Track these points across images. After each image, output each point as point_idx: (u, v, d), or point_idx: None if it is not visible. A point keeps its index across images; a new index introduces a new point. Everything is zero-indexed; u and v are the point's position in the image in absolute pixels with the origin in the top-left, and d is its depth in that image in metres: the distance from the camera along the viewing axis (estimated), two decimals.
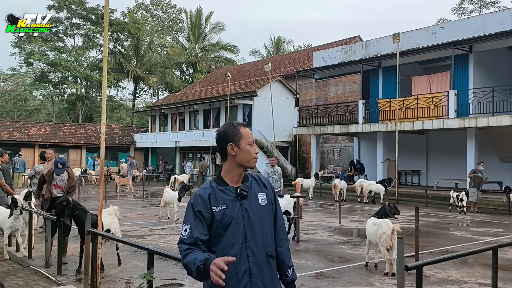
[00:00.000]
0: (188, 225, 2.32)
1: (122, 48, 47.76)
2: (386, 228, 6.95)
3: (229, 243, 2.31)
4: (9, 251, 7.86)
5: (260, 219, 2.39)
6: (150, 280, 4.18)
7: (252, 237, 2.34)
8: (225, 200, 2.34)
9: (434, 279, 6.84)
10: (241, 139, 2.41)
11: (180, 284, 6.36)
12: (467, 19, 21.36)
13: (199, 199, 2.35)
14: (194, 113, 33.47)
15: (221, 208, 2.32)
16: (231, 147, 2.41)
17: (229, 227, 2.31)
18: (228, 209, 2.33)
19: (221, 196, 2.35)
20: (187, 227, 2.32)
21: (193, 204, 2.35)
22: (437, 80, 19.60)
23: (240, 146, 2.40)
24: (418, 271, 3.92)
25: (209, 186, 2.40)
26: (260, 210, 2.40)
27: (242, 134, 2.42)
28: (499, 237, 10.62)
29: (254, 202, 2.39)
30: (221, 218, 2.31)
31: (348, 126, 21.84)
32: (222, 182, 2.40)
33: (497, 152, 19.27)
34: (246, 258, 2.31)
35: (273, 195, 2.51)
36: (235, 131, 2.42)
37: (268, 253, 2.38)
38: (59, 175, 7.57)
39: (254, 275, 2.31)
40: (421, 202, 17.01)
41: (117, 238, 6.30)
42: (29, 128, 34.24)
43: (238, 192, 2.36)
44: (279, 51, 50.69)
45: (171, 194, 13.30)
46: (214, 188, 2.38)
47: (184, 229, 2.33)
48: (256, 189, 2.44)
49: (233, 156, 2.40)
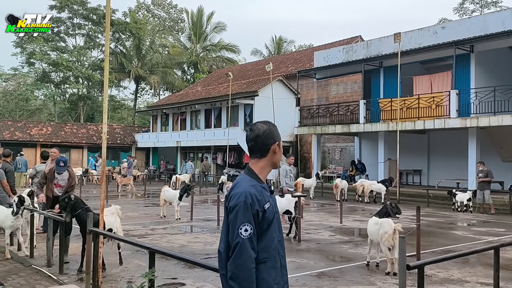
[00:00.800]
0: (250, 226, 2.29)
1: (123, 48, 47.80)
2: (388, 228, 6.95)
3: (271, 238, 2.38)
4: (10, 251, 7.88)
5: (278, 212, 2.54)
6: (152, 279, 4.19)
7: (279, 230, 2.46)
8: (268, 197, 2.42)
9: (436, 278, 6.84)
10: (281, 139, 2.54)
11: (181, 283, 6.36)
12: (468, 18, 21.34)
13: (255, 198, 2.33)
14: (195, 113, 33.48)
15: (269, 205, 2.39)
16: (277, 146, 2.49)
17: (272, 223, 2.39)
18: (271, 206, 2.41)
19: (265, 193, 2.42)
20: (249, 228, 2.28)
21: (251, 204, 2.32)
22: (439, 80, 19.58)
23: (280, 146, 2.51)
24: (419, 271, 3.92)
25: (255, 183, 2.40)
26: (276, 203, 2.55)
27: (279, 136, 2.53)
28: (500, 236, 10.61)
29: (273, 197, 2.51)
30: (268, 214, 2.37)
31: (349, 126, 21.83)
32: (259, 179, 2.45)
33: (499, 152, 19.24)
34: (278, 252, 2.41)
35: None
36: (277, 130, 2.53)
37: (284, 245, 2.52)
38: (60, 173, 7.58)
39: (283, 267, 2.43)
40: (422, 202, 16.99)
41: (119, 237, 6.31)
42: (31, 128, 34.28)
43: (270, 189, 2.47)
44: (280, 51, 50.68)
45: (171, 193, 13.32)
46: (258, 185, 2.41)
47: (244, 228, 2.28)
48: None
49: (273, 155, 2.47)
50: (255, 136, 2.47)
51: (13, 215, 7.57)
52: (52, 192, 7.52)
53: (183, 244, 9.27)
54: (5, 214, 7.76)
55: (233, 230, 2.30)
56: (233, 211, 2.32)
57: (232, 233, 2.30)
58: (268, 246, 2.35)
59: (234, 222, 2.30)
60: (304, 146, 28.77)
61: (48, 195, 7.48)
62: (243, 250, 2.26)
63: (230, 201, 2.37)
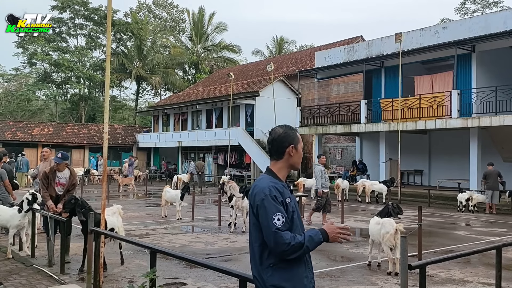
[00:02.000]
0: (281, 214, 2.42)
1: (124, 49, 47.80)
2: (390, 228, 6.94)
3: (297, 232, 2.49)
4: (12, 250, 7.88)
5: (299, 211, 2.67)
6: (153, 279, 4.19)
7: (302, 227, 2.57)
8: (288, 194, 2.54)
9: (438, 278, 6.83)
10: (299, 142, 2.65)
11: (182, 283, 6.36)
12: (470, 18, 21.30)
13: (276, 191, 2.48)
14: (196, 113, 33.48)
15: (289, 201, 2.52)
16: (292, 148, 2.61)
17: (294, 218, 2.51)
18: (291, 202, 2.54)
19: (285, 191, 2.55)
20: (280, 217, 2.41)
21: (275, 196, 2.46)
22: (440, 80, 19.55)
23: (297, 149, 2.64)
24: (421, 270, 3.91)
25: (274, 181, 2.54)
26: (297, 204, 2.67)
27: (299, 138, 2.66)
28: (502, 236, 10.58)
29: (293, 197, 2.63)
30: (290, 209, 2.51)
31: (350, 126, 21.81)
32: (278, 179, 2.58)
33: (500, 152, 19.21)
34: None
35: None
36: (294, 134, 2.65)
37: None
38: (59, 164, 7.55)
39: (308, 261, 2.55)
40: (423, 202, 16.96)
41: (120, 236, 6.31)
42: (32, 128, 34.32)
43: (290, 188, 2.62)
44: (281, 51, 50.67)
45: (172, 193, 13.33)
46: (278, 183, 2.55)
47: (277, 218, 2.40)
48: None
49: (289, 157, 2.61)
50: (272, 140, 2.65)
51: (24, 212, 7.60)
52: (54, 191, 7.52)
53: (184, 244, 9.27)
54: (10, 214, 7.77)
55: (267, 222, 2.40)
56: (261, 206, 2.44)
57: (266, 227, 2.40)
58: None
59: (266, 215, 2.42)
60: (305, 146, 28.71)
61: (51, 194, 7.48)
62: (279, 239, 2.38)
63: (255, 198, 2.49)
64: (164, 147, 35.28)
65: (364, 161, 24.04)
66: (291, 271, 2.45)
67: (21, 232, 7.94)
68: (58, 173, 7.58)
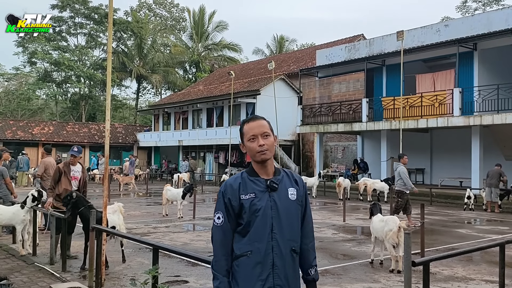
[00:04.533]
0: (221, 213, 2.37)
1: (125, 47, 47.81)
2: (393, 225, 6.92)
3: (257, 233, 2.33)
4: (13, 248, 7.87)
5: (287, 213, 2.39)
6: (155, 276, 4.16)
7: (278, 230, 2.35)
8: (254, 190, 2.37)
9: (441, 276, 6.80)
10: (244, 136, 2.46)
11: (184, 281, 6.34)
12: (471, 16, 21.25)
13: (229, 187, 2.39)
14: (197, 112, 33.45)
15: (249, 197, 2.35)
16: (241, 146, 2.50)
17: (258, 217, 2.33)
18: (256, 199, 2.35)
19: (251, 186, 2.38)
20: (220, 216, 2.37)
21: (224, 192, 2.39)
22: (442, 78, 19.50)
23: (244, 143, 2.45)
24: (425, 267, 3.89)
25: (240, 176, 2.43)
26: (288, 205, 2.40)
27: (243, 131, 2.46)
28: (505, 234, 10.55)
29: (283, 195, 2.40)
30: (249, 206, 2.34)
31: (352, 125, 21.77)
32: (253, 173, 2.43)
33: (502, 150, 19.17)
34: (271, 249, 2.32)
35: (303, 193, 2.50)
36: (241, 129, 2.48)
37: (292, 248, 2.39)
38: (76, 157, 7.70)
39: (277, 266, 2.32)
40: (425, 201, 16.89)
41: (122, 234, 6.28)
42: (33, 127, 34.33)
43: (268, 184, 2.38)
44: (282, 49, 50.62)
45: (174, 192, 13.30)
46: (245, 178, 2.41)
47: (217, 216, 2.38)
48: (286, 184, 2.44)
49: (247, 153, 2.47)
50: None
51: (28, 208, 7.61)
52: (70, 185, 7.57)
53: (186, 242, 9.25)
54: (12, 212, 7.75)
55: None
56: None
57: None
58: (253, 239, 2.32)
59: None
60: (306, 145, 28.72)
61: (67, 187, 7.51)
62: (213, 237, 2.39)
63: None
64: (165, 146, 35.27)
65: (366, 159, 24.00)
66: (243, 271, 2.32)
67: (23, 230, 7.92)
68: (72, 167, 7.69)
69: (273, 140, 2.44)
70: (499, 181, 15.35)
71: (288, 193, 2.41)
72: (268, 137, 2.42)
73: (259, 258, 2.30)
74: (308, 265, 2.48)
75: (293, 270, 2.38)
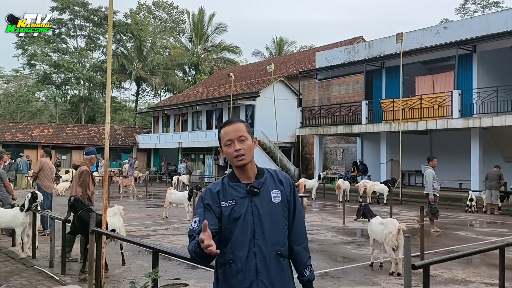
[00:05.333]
0: (197, 217, 2.29)
1: (124, 49, 47.79)
2: (392, 228, 6.92)
3: (238, 240, 2.27)
4: (13, 251, 7.86)
5: (271, 216, 2.32)
6: (155, 279, 4.16)
7: (261, 235, 2.28)
8: (234, 196, 2.31)
9: (440, 279, 6.80)
10: (221, 142, 2.39)
11: (184, 284, 6.33)
12: (470, 18, 21.29)
13: (208, 193, 2.34)
14: (196, 114, 33.46)
15: (229, 204, 2.29)
16: (221, 151, 2.43)
17: (238, 224, 2.27)
18: (236, 205, 2.29)
19: (230, 192, 2.32)
20: (197, 219, 2.28)
21: (203, 197, 2.34)
22: (441, 80, 19.52)
23: (222, 149, 2.40)
24: (425, 270, 3.88)
25: (220, 181, 2.38)
26: (272, 208, 2.33)
27: (220, 136, 2.39)
28: (504, 237, 10.55)
29: (265, 199, 2.33)
30: (229, 214, 2.28)
31: (351, 127, 21.78)
32: (234, 178, 2.37)
33: (502, 152, 19.18)
34: (254, 256, 2.26)
35: (290, 192, 2.41)
36: (218, 134, 2.42)
37: (278, 252, 2.31)
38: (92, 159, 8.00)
39: (261, 273, 2.26)
40: (424, 203, 16.73)
41: (121, 237, 6.27)
42: (32, 129, 34.31)
43: (248, 189, 2.31)
44: (281, 51, 50.64)
45: (179, 195, 13.21)
46: (225, 184, 2.35)
47: (193, 221, 2.30)
48: (270, 186, 2.37)
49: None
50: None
51: (25, 211, 7.60)
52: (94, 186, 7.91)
53: (185, 244, 9.13)
54: (12, 214, 7.75)
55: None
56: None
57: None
58: (234, 248, 2.26)
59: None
60: (306, 147, 28.72)
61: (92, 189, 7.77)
62: (189, 240, 2.27)
63: None
64: (164, 148, 35.25)
65: (365, 161, 23.99)
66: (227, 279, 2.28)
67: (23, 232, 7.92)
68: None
69: (250, 143, 2.37)
70: (499, 183, 15.35)
71: (271, 196, 2.33)
72: (245, 140, 2.35)
73: (240, 266, 2.25)
74: (302, 266, 2.43)
75: (279, 275, 2.31)
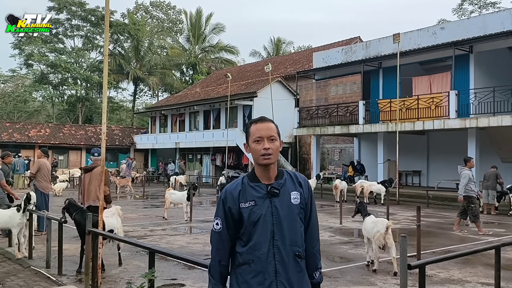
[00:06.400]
0: (220, 219, 2.36)
1: (122, 50, 47.75)
2: (381, 227, 7.03)
3: (258, 241, 2.30)
4: (9, 252, 7.84)
5: (290, 218, 2.34)
6: (152, 280, 4.16)
7: (280, 236, 2.31)
8: (254, 197, 2.33)
9: (437, 278, 6.82)
10: (250, 137, 2.40)
11: (181, 284, 6.33)
12: (467, 19, 21.35)
13: (229, 195, 2.36)
14: (194, 114, 33.44)
15: (249, 205, 2.32)
16: (245, 147, 2.45)
17: (258, 225, 2.30)
18: (256, 206, 2.31)
19: (250, 193, 2.34)
20: (219, 222, 2.36)
21: (224, 200, 2.37)
22: (438, 81, 19.57)
23: (249, 144, 2.40)
24: (421, 270, 3.89)
25: (240, 181, 2.40)
26: (291, 209, 2.35)
27: (250, 132, 2.40)
28: (501, 237, 10.58)
29: (285, 200, 2.35)
30: (248, 215, 2.31)
31: (348, 127, 21.81)
32: (254, 178, 2.38)
33: (498, 153, 19.23)
34: (273, 257, 2.29)
35: (308, 195, 2.43)
36: (247, 129, 2.43)
37: (296, 253, 2.34)
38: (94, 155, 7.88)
39: (280, 273, 2.28)
40: (422, 203, 16.93)
41: (118, 237, 6.27)
42: (29, 129, 34.23)
43: (269, 190, 2.33)
44: (279, 52, 50.66)
45: (179, 195, 13.19)
46: (245, 184, 2.37)
47: (216, 222, 2.38)
48: (290, 187, 2.38)
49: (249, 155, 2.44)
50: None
51: (22, 212, 7.59)
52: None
53: (183, 245, 9.24)
54: (8, 215, 7.73)
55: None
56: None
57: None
58: (254, 248, 2.29)
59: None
60: (303, 147, 28.74)
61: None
62: (211, 242, 2.40)
63: None
64: (162, 148, 35.22)
65: (362, 162, 24.03)
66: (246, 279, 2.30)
67: (19, 233, 7.90)
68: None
69: (278, 144, 2.39)
70: (496, 183, 15.40)
71: (290, 197, 2.35)
72: (274, 141, 2.37)
73: (260, 267, 2.28)
74: (313, 268, 2.45)
75: (298, 275, 2.34)
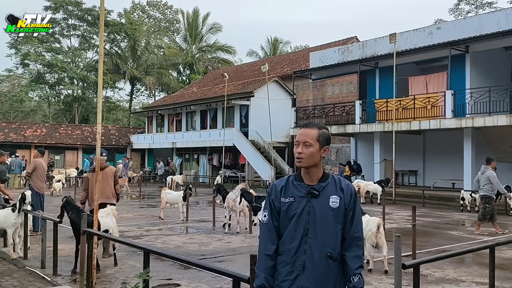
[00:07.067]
0: (267, 211, 2.55)
1: (118, 49, 47.65)
2: (372, 226, 7.07)
3: (290, 235, 2.46)
4: (4, 252, 7.81)
5: (326, 219, 2.46)
6: (146, 280, 4.16)
7: (314, 234, 2.44)
8: (294, 194, 2.50)
9: (432, 278, 6.83)
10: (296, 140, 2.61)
11: (176, 284, 6.32)
12: (463, 19, 21.41)
13: (274, 189, 2.57)
14: (191, 114, 33.41)
15: (288, 200, 2.49)
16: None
17: (293, 220, 2.46)
18: (295, 203, 2.48)
19: (292, 190, 2.52)
20: (266, 214, 2.55)
21: (269, 193, 2.58)
22: (434, 80, 19.61)
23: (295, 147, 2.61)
24: (415, 270, 3.91)
25: (286, 179, 2.59)
26: (328, 212, 2.47)
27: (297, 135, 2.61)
28: (495, 236, 10.61)
29: (323, 202, 2.48)
30: (286, 209, 2.48)
31: (345, 127, 21.84)
32: (299, 178, 2.56)
33: (494, 152, 19.24)
34: (303, 252, 2.42)
35: (350, 201, 2.52)
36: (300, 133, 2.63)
37: (327, 254, 2.44)
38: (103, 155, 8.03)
39: (307, 269, 2.41)
40: (418, 202, 16.96)
41: (113, 237, 6.26)
42: (25, 129, 34.12)
43: (309, 190, 2.48)
44: (276, 52, 50.66)
45: (174, 195, 13.17)
46: (289, 182, 2.56)
47: (263, 215, 2.56)
48: (330, 191, 2.50)
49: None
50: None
51: (17, 212, 7.57)
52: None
53: (178, 245, 9.23)
54: (3, 215, 7.71)
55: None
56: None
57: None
58: (285, 241, 2.46)
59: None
60: None
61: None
62: (260, 232, 2.60)
63: None
64: (159, 148, 35.17)
65: (359, 161, 24.04)
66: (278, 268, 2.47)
67: (14, 233, 7.88)
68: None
69: (313, 150, 2.51)
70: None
71: (329, 201, 2.47)
72: (309, 147, 2.52)
73: (289, 258, 2.43)
74: (351, 273, 2.49)
75: (326, 275, 2.43)
